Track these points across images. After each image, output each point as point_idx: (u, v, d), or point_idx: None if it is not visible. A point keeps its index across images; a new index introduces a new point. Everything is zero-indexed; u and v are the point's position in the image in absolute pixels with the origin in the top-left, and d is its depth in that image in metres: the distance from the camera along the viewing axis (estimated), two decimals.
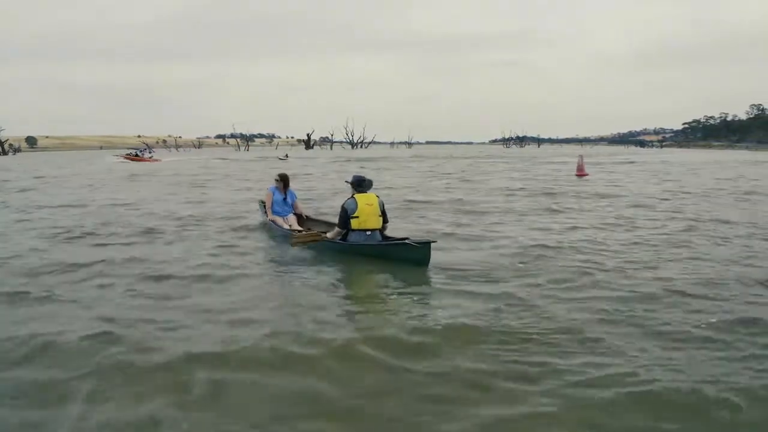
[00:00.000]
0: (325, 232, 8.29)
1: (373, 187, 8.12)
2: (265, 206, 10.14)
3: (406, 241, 7.24)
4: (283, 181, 10.00)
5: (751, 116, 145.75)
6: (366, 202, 7.70)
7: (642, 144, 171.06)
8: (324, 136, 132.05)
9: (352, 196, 7.77)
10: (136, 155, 48.03)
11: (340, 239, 7.84)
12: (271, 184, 10.19)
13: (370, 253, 7.58)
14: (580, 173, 24.74)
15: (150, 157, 48.49)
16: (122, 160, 45.92)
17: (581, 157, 26.95)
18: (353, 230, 7.69)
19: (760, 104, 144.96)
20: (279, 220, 9.63)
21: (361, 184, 7.85)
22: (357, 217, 7.63)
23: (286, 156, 53.27)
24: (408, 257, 7.09)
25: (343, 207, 7.77)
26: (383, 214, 7.86)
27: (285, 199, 9.93)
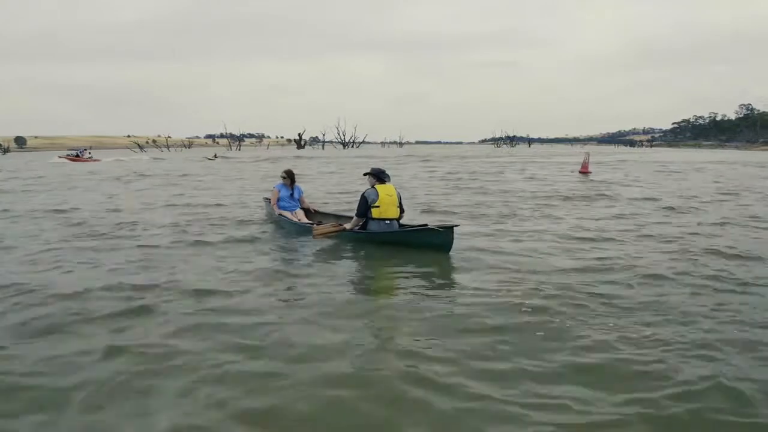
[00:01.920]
0: (341, 224, 8.38)
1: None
2: (270, 202, 10.28)
3: (429, 226, 7.45)
4: (290, 177, 10.17)
5: (740, 116, 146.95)
6: (386, 193, 7.90)
7: (632, 144, 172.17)
8: (314, 136, 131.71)
9: (373, 187, 7.95)
10: (77, 155, 47.74)
11: (359, 228, 7.98)
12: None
13: (392, 240, 7.73)
14: (584, 170, 24.90)
15: (89, 158, 47.96)
16: (63, 160, 45.47)
17: (587, 154, 27.10)
18: (373, 219, 7.85)
19: (749, 104, 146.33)
20: (288, 214, 9.76)
21: (380, 176, 8.03)
22: (378, 206, 7.81)
23: (215, 156, 53.91)
24: (431, 242, 7.25)
25: (363, 196, 7.92)
26: (400, 204, 8.05)
27: (292, 194, 10.11)
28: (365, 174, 8.36)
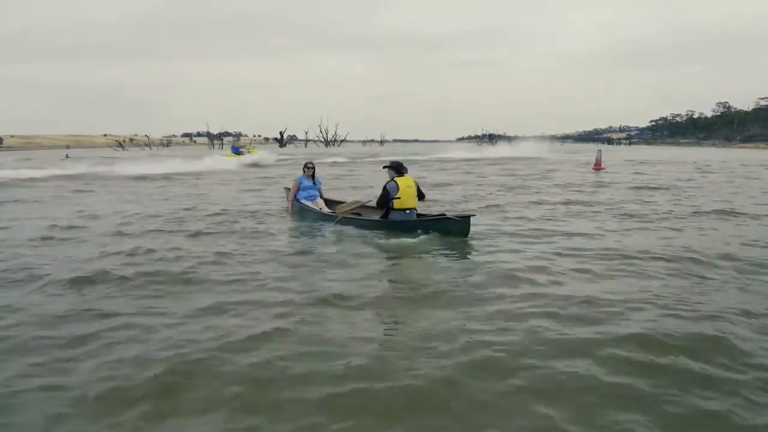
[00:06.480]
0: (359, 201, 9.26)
1: None
2: (291, 192, 10.95)
3: (447, 215, 8.14)
4: (311, 169, 10.86)
5: (717, 114, 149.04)
6: (406, 185, 8.42)
7: (609, 142, 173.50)
8: (291, 134, 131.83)
9: (393, 180, 8.44)
10: None
11: (381, 217, 8.58)
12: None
13: (414, 228, 8.25)
14: (597, 167, 25.25)
15: None
16: None
17: (599, 152, 27.50)
18: (395, 210, 8.37)
19: (726, 102, 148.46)
20: (309, 203, 10.46)
21: (400, 169, 8.52)
22: (398, 198, 8.31)
23: (66, 156, 54.79)
24: (450, 229, 7.95)
25: (385, 188, 8.44)
26: (419, 193, 8.59)
27: (313, 185, 10.80)
28: (384, 167, 8.78)
